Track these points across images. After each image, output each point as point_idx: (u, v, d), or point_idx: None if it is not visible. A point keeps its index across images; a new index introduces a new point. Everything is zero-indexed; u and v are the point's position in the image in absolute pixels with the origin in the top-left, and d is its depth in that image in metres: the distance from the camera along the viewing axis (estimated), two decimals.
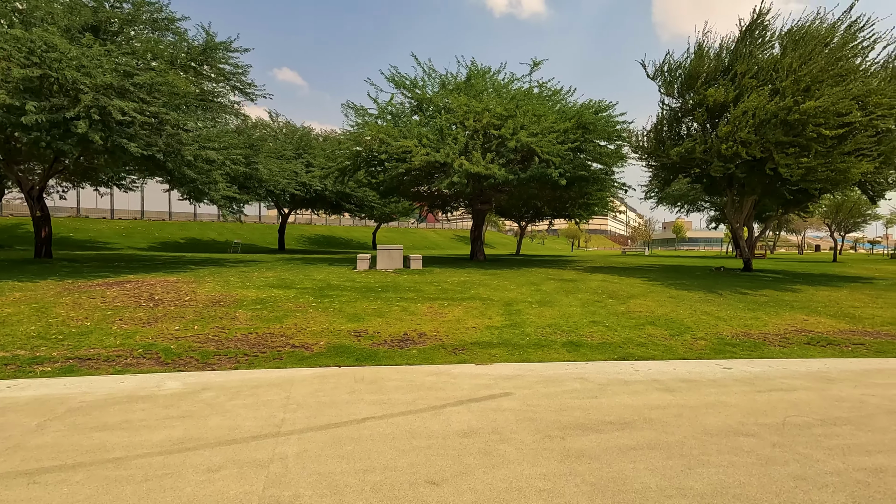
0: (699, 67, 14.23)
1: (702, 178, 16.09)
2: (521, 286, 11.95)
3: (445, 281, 12.38)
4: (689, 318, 8.81)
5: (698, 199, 34.67)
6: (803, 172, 11.95)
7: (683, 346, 7.11)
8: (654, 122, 15.83)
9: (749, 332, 7.95)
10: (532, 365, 5.96)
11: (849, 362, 6.26)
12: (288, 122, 28.32)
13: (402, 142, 15.54)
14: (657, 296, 10.94)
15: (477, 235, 20.81)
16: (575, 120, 16.35)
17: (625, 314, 9.01)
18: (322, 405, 4.27)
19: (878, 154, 11.88)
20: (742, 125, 12.30)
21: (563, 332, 7.64)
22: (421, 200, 23.18)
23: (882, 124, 11.76)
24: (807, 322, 8.66)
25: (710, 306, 9.85)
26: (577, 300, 10.24)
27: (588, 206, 23.83)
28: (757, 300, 10.59)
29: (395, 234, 54.75)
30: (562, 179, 15.57)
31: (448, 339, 7.12)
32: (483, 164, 14.97)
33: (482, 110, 15.90)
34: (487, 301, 9.92)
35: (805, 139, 11.77)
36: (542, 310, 9.22)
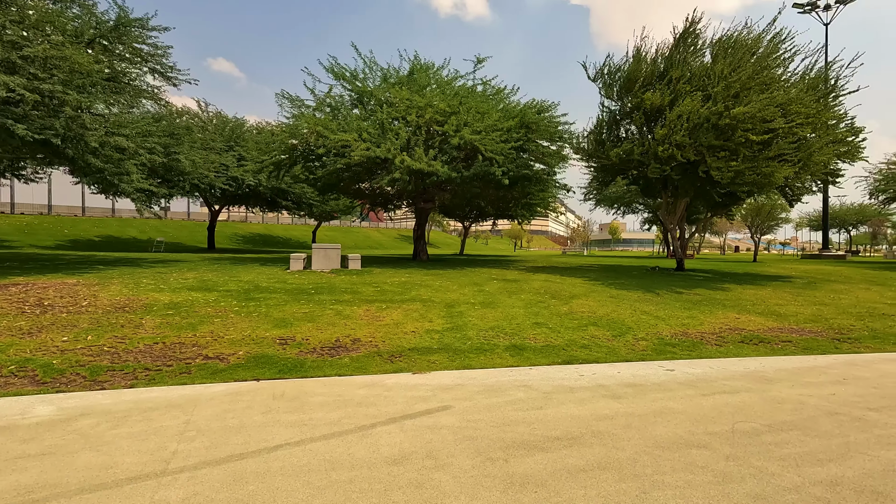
0: (637, 71, 14.54)
1: (639, 179, 16.54)
2: (463, 287, 11.60)
3: (385, 282, 11.79)
4: (629, 317, 8.79)
5: (633, 202, 36.16)
6: (733, 175, 12.48)
7: (626, 347, 6.99)
8: (594, 124, 16.07)
9: (687, 332, 8.01)
10: (474, 372, 5.56)
11: (782, 360, 6.35)
12: (219, 113, 26.46)
13: (340, 135, 14.76)
14: (598, 296, 10.95)
15: (420, 234, 20.32)
16: (518, 119, 16.26)
17: (568, 315, 8.86)
18: (228, 430, 3.62)
19: (797, 160, 12.64)
20: (677, 128, 12.66)
21: (507, 335, 7.32)
22: (362, 198, 22.35)
23: (801, 132, 12.50)
24: (738, 320, 8.89)
25: (649, 305, 9.93)
26: (521, 301, 10.01)
27: (530, 207, 24.01)
28: (691, 299, 10.84)
29: (337, 233, 53.13)
30: (505, 178, 15.41)
31: (384, 346, 6.59)
32: (425, 161, 14.50)
33: (425, 106, 15.43)
34: (428, 303, 9.45)
35: (734, 144, 12.29)
36: (485, 311, 8.88)
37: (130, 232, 33.20)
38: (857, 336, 8.00)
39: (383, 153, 14.46)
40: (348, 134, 14.95)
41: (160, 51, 14.24)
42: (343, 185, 19.40)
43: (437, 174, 14.61)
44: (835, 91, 13.87)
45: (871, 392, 4.88)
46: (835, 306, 10.44)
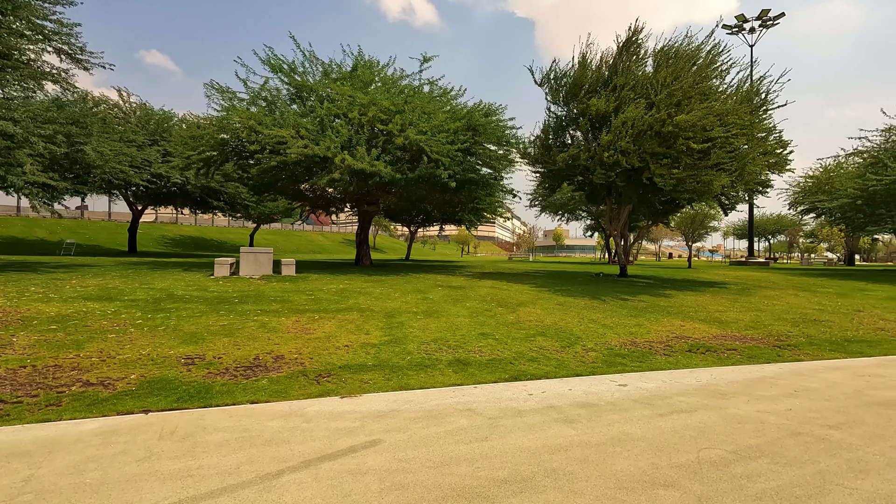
0: (583, 77, 14.54)
1: (584, 186, 16.59)
2: (406, 294, 10.92)
3: (321, 289, 10.90)
4: (577, 326, 8.47)
5: (577, 209, 36.87)
6: (675, 183, 12.66)
7: (575, 359, 6.59)
8: (541, 129, 15.95)
9: (635, 341, 7.76)
10: (412, 394, 4.91)
11: (731, 371, 6.16)
12: (143, 104, 24.27)
13: (276, 131, 13.69)
14: (545, 303, 10.62)
15: (363, 239, 19.41)
16: (465, 121, 15.84)
17: (515, 324, 8.40)
18: (80, 491, 2.76)
19: (734, 169, 13.03)
20: (622, 135, 12.68)
21: (450, 349, 6.72)
22: (302, 200, 21.12)
23: (736, 142, 12.90)
24: (684, 328, 8.79)
25: (596, 313, 9.69)
26: (466, 309, 9.47)
27: (478, 212, 23.69)
28: (637, 306, 10.74)
29: (278, 236, 50.81)
30: (451, 182, 14.91)
31: (312, 363, 5.80)
32: (368, 161, 13.72)
33: (368, 103, 14.66)
34: (367, 312, 8.70)
35: (676, 151, 12.47)
36: (428, 321, 8.25)
37: (38, 233, 29.87)
38: (796, 343, 8.06)
39: (322, 151, 13.54)
40: (284, 130, 13.91)
41: (66, 28, 12.63)
42: (281, 185, 18.19)
43: (381, 175, 13.86)
44: (765, 105, 14.49)
45: (825, 406, 4.68)
46: (770, 312, 10.67)
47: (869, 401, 4.88)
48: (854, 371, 6.21)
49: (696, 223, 32.72)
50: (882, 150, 20.63)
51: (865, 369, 6.32)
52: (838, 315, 10.56)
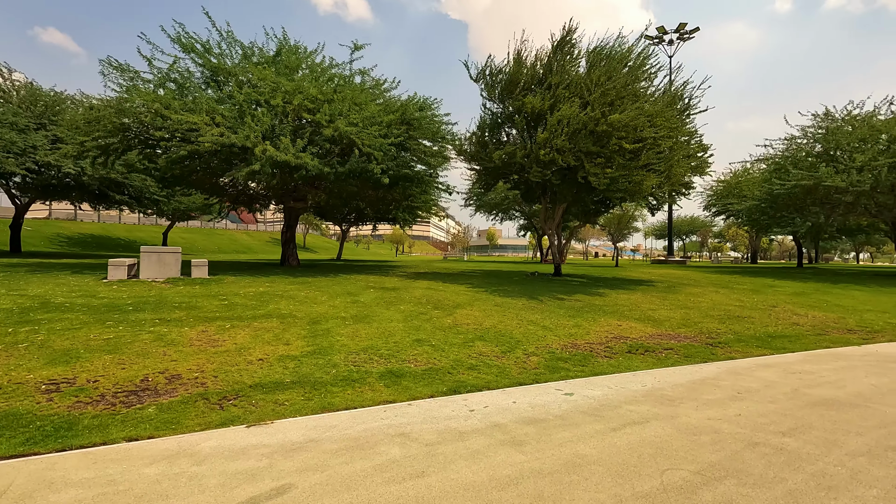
0: (518, 74, 14.35)
1: (520, 184, 16.49)
2: (335, 297, 10.06)
3: (237, 293, 9.77)
4: (517, 329, 8.09)
5: (511, 209, 37.33)
6: (608, 182, 12.80)
7: (517, 365, 6.16)
8: (476, 126, 15.63)
9: (575, 343, 7.50)
10: (335, 416, 4.19)
11: (672, 373, 6.00)
12: (30, 84, 21.17)
13: (186, 116, 12.24)
14: (483, 304, 10.20)
15: (289, 237, 18.09)
16: (399, 114, 15.13)
17: (452, 328, 7.87)
18: None
19: (663, 170, 13.41)
20: (558, 133, 12.61)
21: (382, 358, 6.04)
22: (220, 195, 19.34)
23: (664, 143, 13.28)
24: (621, 328, 8.70)
25: (535, 314, 9.41)
26: (400, 313, 8.81)
27: (412, 210, 23.04)
28: (574, 306, 10.61)
29: (197, 235, 47.14)
30: (384, 177, 14.15)
31: (216, 383, 4.90)
32: (293, 153, 12.64)
33: (294, 90, 13.55)
34: (289, 319, 7.79)
35: (609, 151, 12.59)
36: (358, 328, 7.50)
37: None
38: (726, 340, 8.19)
39: (241, 141, 12.29)
40: (197, 116, 12.48)
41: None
42: (195, 178, 16.48)
43: (307, 168, 12.83)
44: (688, 109, 15.10)
45: (771, 409, 4.53)
46: (697, 309, 10.96)
47: (808, 401, 4.83)
48: (784, 368, 6.28)
49: (623, 223, 34.20)
50: (784, 158, 22.47)
51: (794, 366, 6.42)
52: (757, 311, 11.06)
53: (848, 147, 19.75)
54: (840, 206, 20.67)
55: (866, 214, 21.87)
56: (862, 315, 10.99)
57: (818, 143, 21.58)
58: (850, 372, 6.11)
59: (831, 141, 20.36)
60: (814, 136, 21.43)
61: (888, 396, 5.02)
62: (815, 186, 19.90)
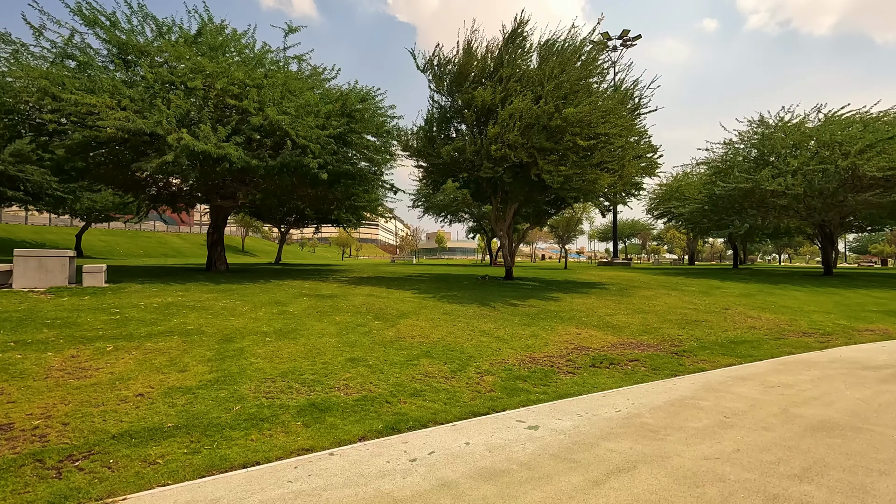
0: (468, 66, 13.52)
1: (470, 183, 15.68)
2: (259, 308, 8.71)
3: (137, 305, 8.20)
4: (469, 341, 7.13)
5: (460, 210, 36.62)
6: (563, 180, 12.20)
7: (469, 387, 5.19)
8: (424, 119, 14.63)
9: (534, 356, 6.64)
10: (224, 481, 3.01)
11: (645, 391, 5.24)
12: None
13: (81, 97, 10.43)
14: (431, 312, 9.19)
15: (216, 239, 16.25)
16: (339, 104, 13.86)
17: (394, 342, 6.79)
18: None
19: (617, 169, 12.99)
20: (510, 127, 11.85)
21: (305, 386, 4.88)
22: (135, 191, 17.12)
23: (618, 141, 12.87)
24: (580, 336, 7.95)
25: (488, 322, 8.50)
26: (334, 325, 7.63)
27: (356, 210, 21.69)
28: (528, 312, 9.82)
29: (120, 238, 43.08)
30: (322, 173, 12.82)
31: (64, 434, 3.58)
32: (214, 142, 11.10)
33: (217, 73, 11.98)
34: (194, 337, 6.43)
35: (563, 148, 11.99)
36: (281, 345, 6.27)
37: None
38: (689, 347, 7.64)
39: (150, 126, 10.62)
40: (96, 97, 10.68)
41: None
42: (104, 171, 14.40)
43: (230, 160, 11.32)
44: (638, 108, 14.84)
45: (770, 441, 3.81)
46: (654, 314, 10.49)
47: (805, 425, 4.18)
48: (761, 381, 5.70)
49: (572, 225, 34.34)
50: (724, 161, 23.10)
51: (769, 378, 5.87)
52: (712, 314, 10.74)
53: (782, 152, 20.46)
54: (775, 209, 21.40)
55: (797, 217, 22.83)
56: (811, 316, 10.94)
57: (754, 149, 22.31)
58: (829, 383, 5.62)
59: (767, 146, 21.04)
60: (750, 140, 22.12)
61: (882, 415, 4.48)
62: (753, 190, 20.47)
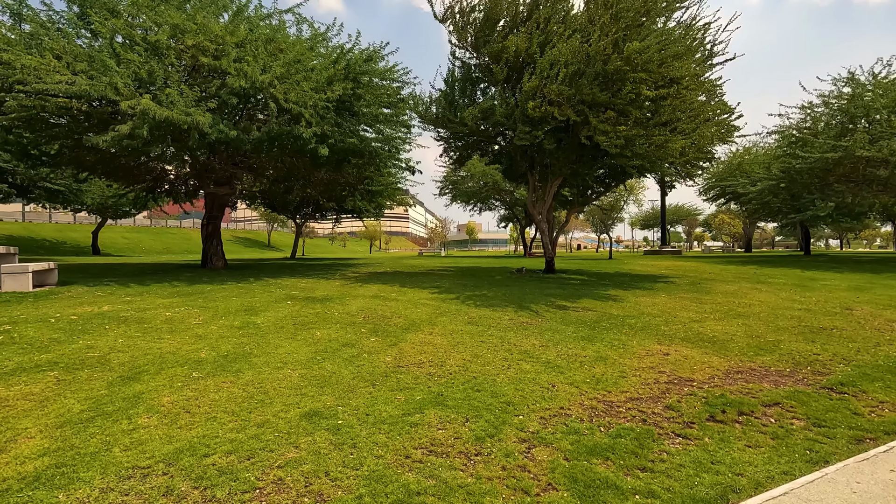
0: (497, 9, 10.88)
1: (501, 156, 13.11)
2: (218, 318, 6.47)
3: (49, 318, 6.08)
4: (503, 371, 4.63)
5: (489, 198, 33.97)
6: (622, 143, 9.47)
7: (509, 481, 2.72)
8: (444, 80, 12.12)
9: (610, 400, 4.07)
10: None
11: (844, 490, 2.63)
12: None
13: (16, 56, 8.43)
14: (450, 321, 6.73)
15: (211, 232, 14.25)
16: (342, 65, 11.46)
17: (389, 376, 4.35)
18: None
19: (689, 130, 10.13)
20: (552, 78, 9.21)
21: (199, 488, 2.49)
22: (126, 180, 15.28)
23: (690, 95, 10.02)
24: (669, 358, 5.31)
25: (530, 337, 5.97)
26: (309, 346, 5.27)
27: (372, 197, 19.40)
28: (584, 318, 7.22)
29: (144, 234, 42.48)
30: (322, 147, 10.49)
31: None
32: (181, 108, 8.91)
33: (190, 27, 9.80)
34: (84, 371, 4.18)
35: (623, 101, 9.24)
36: (209, 386, 3.93)
37: None
38: (843, 376, 4.88)
39: (101, 90, 8.52)
40: (37, 58, 8.66)
41: None
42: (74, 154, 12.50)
43: (201, 130, 9.11)
44: (710, 58, 11.80)
45: None
46: (757, 318, 7.68)
47: None
48: None
49: (616, 209, 31.02)
50: (800, 129, 19.55)
51: None
52: (835, 317, 7.84)
53: (880, 113, 16.83)
54: (872, 183, 17.79)
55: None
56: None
57: (840, 113, 18.65)
58: None
59: (859, 106, 17.43)
60: (839, 101, 18.48)
61: None
62: (842, 160, 16.99)
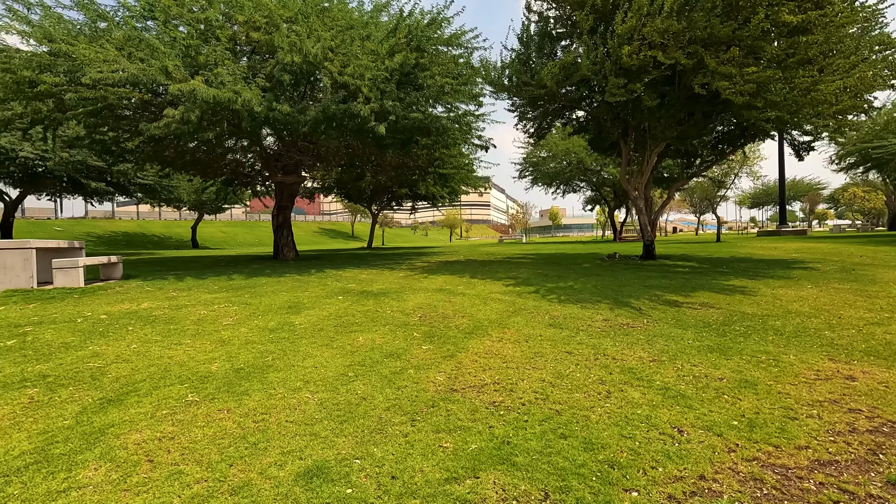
0: None
1: (588, 123, 11.24)
2: (254, 317, 5.62)
3: (75, 318, 5.57)
4: (600, 405, 3.11)
5: (573, 179, 31.45)
6: (752, 90, 7.32)
7: None
8: (518, 38, 10.47)
9: (782, 466, 2.42)
10: None
11: None
12: None
13: (77, 48, 8.25)
14: (526, 322, 5.30)
15: (282, 222, 13.97)
16: (404, 33, 10.29)
17: (438, 404, 3.03)
18: None
19: (848, 67, 7.68)
20: (654, 12, 7.29)
21: None
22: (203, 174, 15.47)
23: (840, 19, 7.52)
24: (857, 388, 3.47)
25: (634, 347, 4.37)
26: (345, 356, 4.14)
27: (445, 181, 18.23)
28: (707, 319, 5.43)
29: (239, 229, 45.27)
30: (380, 126, 9.42)
31: None
32: (231, 87, 8.27)
33: (242, 2, 9.17)
34: (68, 389, 3.37)
35: (751, 34, 7.09)
36: (204, 413, 2.89)
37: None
38: None
39: (152, 74, 8.09)
40: (94, 48, 8.44)
41: None
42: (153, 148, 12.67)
43: (250, 109, 8.41)
44: None
45: None
46: None
47: None
48: None
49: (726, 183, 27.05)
50: None
51: None
52: None
53: None
54: None
55: None
56: None
57: None
58: None
59: None
60: None
61: None
62: None
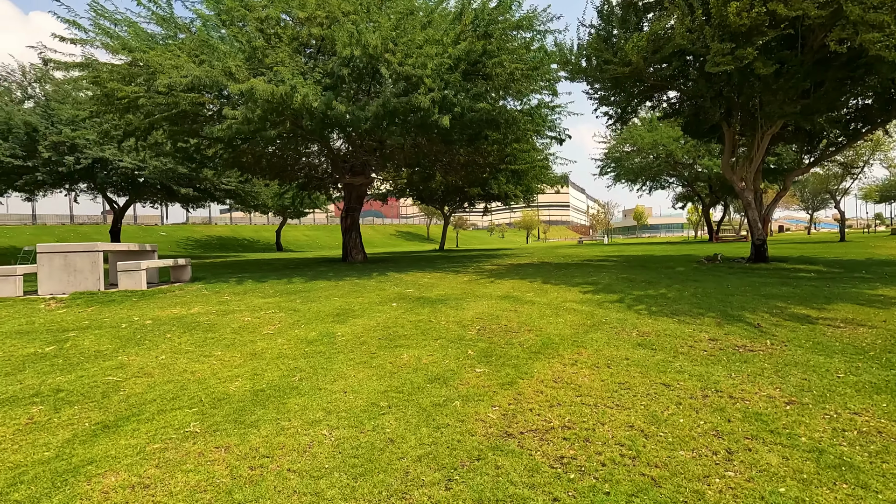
0: None
1: (682, 104, 9.73)
2: (297, 326, 5.13)
3: (120, 323, 5.39)
4: (718, 475, 2.07)
5: (661, 174, 28.84)
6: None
7: None
8: (597, 12, 9.29)
9: None
10: None
11: None
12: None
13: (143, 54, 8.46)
14: (608, 340, 4.29)
15: (350, 224, 13.80)
16: (470, 18, 9.54)
17: (485, 456, 2.14)
18: None
19: None
20: None
21: None
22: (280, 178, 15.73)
23: None
24: None
25: (759, 381, 3.21)
26: (385, 378, 3.43)
27: (518, 178, 17.20)
28: (857, 342, 4.10)
29: (321, 232, 47.13)
30: (444, 117, 8.72)
31: None
32: (290, 83, 8.01)
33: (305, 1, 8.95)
34: (73, 408, 2.97)
35: None
36: (200, 449, 2.28)
37: (22, 239, 27.00)
38: None
39: (214, 76, 8.06)
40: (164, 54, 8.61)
41: None
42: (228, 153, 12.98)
43: (309, 106, 8.09)
44: None
45: None
46: None
47: None
48: None
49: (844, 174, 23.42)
50: None
51: None
52: None
53: None
54: None
55: None
56: None
57: None
58: None
59: None
60: None
61: None
62: None
